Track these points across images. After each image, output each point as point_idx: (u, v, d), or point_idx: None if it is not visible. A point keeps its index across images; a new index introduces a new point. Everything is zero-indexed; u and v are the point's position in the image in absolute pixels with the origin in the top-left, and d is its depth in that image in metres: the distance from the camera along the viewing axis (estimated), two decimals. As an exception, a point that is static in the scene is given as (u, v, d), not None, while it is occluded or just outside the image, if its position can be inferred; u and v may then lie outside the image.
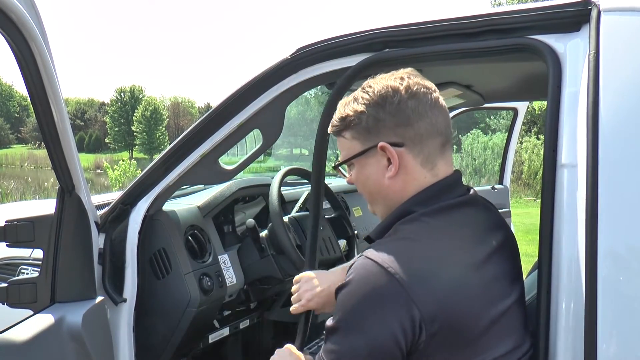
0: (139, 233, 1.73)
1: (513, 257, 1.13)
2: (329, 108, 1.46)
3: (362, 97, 1.08)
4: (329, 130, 1.16)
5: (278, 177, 2.17)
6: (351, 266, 1.01)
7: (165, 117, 58.05)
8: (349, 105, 1.11)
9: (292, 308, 1.36)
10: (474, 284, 0.98)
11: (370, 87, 1.09)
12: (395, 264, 0.94)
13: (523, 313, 1.10)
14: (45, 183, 14.62)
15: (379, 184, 1.10)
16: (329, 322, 1.01)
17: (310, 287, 1.33)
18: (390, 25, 1.39)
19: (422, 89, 1.06)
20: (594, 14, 1.12)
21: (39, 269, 1.55)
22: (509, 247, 1.13)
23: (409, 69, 1.12)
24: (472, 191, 1.13)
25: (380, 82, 1.08)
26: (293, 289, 1.39)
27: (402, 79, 1.07)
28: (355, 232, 2.48)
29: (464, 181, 1.15)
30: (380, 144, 1.06)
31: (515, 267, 1.12)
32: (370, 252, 0.98)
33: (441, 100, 1.09)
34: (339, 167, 1.18)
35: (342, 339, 0.97)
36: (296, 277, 1.41)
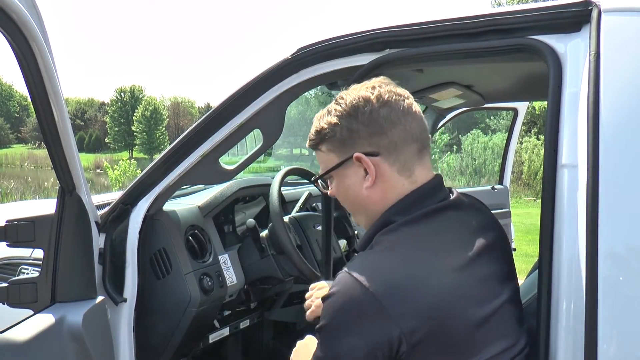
0: (140, 233, 1.73)
1: (504, 257, 1.12)
2: None
3: (335, 109, 1.08)
4: (307, 144, 1.16)
5: (278, 177, 2.17)
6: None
7: (165, 117, 58.06)
8: (323, 118, 1.11)
9: (307, 314, 1.44)
10: (457, 288, 0.97)
11: (342, 98, 1.09)
12: (372, 278, 0.93)
13: (517, 311, 1.09)
14: (45, 183, 14.63)
15: (358, 195, 1.10)
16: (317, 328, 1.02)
17: (322, 294, 1.38)
18: (391, 25, 1.39)
19: (393, 97, 1.06)
20: (594, 14, 1.12)
21: (40, 269, 1.54)
22: (500, 247, 1.12)
23: (381, 78, 1.11)
24: (454, 194, 1.12)
25: (352, 93, 1.08)
26: (307, 295, 1.49)
27: (373, 88, 1.07)
28: (356, 232, 2.48)
29: (464, 181, 1.15)
30: (356, 154, 1.06)
31: (506, 266, 1.11)
32: (351, 266, 0.98)
33: (415, 106, 1.08)
34: (318, 181, 1.17)
35: (324, 348, 0.99)
36: (311, 285, 1.51)
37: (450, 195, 1.11)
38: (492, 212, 1.24)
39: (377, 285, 0.92)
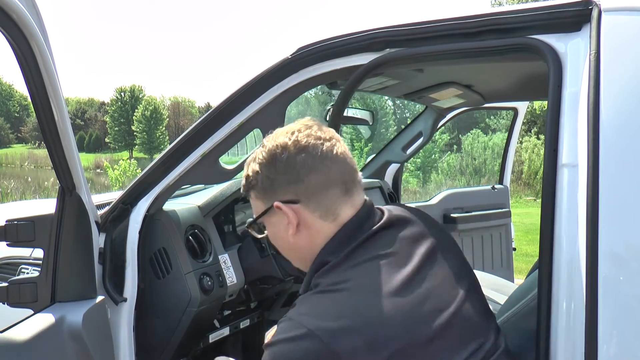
0: (140, 233, 1.73)
1: (450, 255, 1.09)
2: (339, 107, 1.47)
3: (258, 157, 1.08)
4: (241, 190, 1.16)
5: (278, 176, 2.17)
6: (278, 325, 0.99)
7: (165, 116, 58.08)
8: (249, 165, 1.11)
9: None
10: (400, 312, 0.94)
11: (264, 145, 1.08)
12: (314, 321, 0.91)
13: (479, 308, 1.05)
14: (45, 183, 14.63)
15: (286, 242, 1.10)
16: None
17: None
18: (391, 25, 1.39)
19: (312, 142, 1.04)
20: (594, 13, 1.12)
21: (40, 269, 1.55)
22: (444, 247, 1.09)
23: (307, 119, 1.10)
24: (385, 213, 1.09)
25: (272, 140, 1.07)
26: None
27: (292, 133, 1.05)
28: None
29: (464, 181, 1.15)
30: (275, 203, 1.05)
31: (456, 264, 1.09)
32: (292, 312, 0.96)
33: (337, 148, 1.06)
34: (250, 228, 1.16)
35: None
36: (267, 333, 1.42)
37: (382, 217, 1.08)
38: (492, 211, 1.24)
39: (320, 328, 0.89)
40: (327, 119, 2.18)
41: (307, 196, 1.04)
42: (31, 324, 1.42)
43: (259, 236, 1.16)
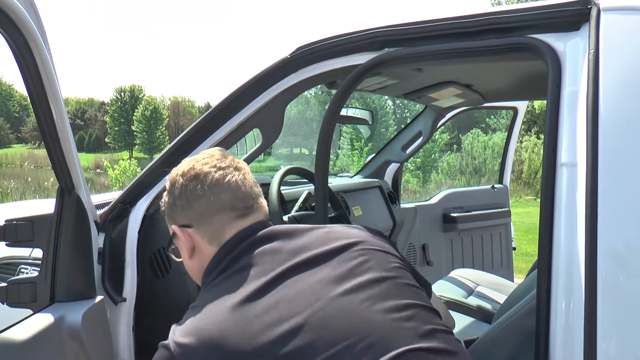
0: (139, 232, 1.73)
1: (338, 267, 1.03)
2: (334, 107, 1.46)
3: (166, 186, 1.16)
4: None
5: (278, 176, 2.17)
6: None
7: (165, 116, 58.03)
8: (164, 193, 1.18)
9: None
10: (239, 323, 0.93)
11: (170, 174, 1.16)
12: (176, 337, 0.95)
13: (350, 304, 0.97)
14: (45, 183, 14.62)
15: (188, 266, 1.16)
16: None
17: None
18: (390, 24, 1.39)
19: (205, 170, 1.10)
20: (593, 13, 1.12)
21: (39, 269, 1.54)
22: (320, 257, 1.04)
23: (214, 149, 1.19)
24: (264, 231, 1.08)
25: (175, 169, 1.15)
26: None
27: (192, 161, 1.13)
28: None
29: (465, 180, 1.15)
30: (173, 226, 1.13)
31: (332, 268, 1.02)
32: (171, 329, 1.00)
33: (230, 177, 1.11)
34: (171, 252, 1.22)
35: None
36: None
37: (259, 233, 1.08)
38: (492, 211, 1.24)
39: (178, 343, 0.94)
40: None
41: (197, 221, 1.10)
42: (30, 324, 1.42)
43: (177, 259, 1.22)
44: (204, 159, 1.13)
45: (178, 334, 0.95)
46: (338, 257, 1.04)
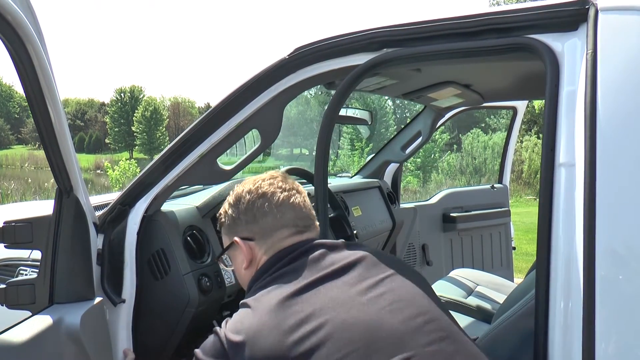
0: (138, 234, 1.72)
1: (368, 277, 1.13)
2: (333, 108, 1.46)
3: (228, 199, 1.29)
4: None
5: (277, 177, 2.17)
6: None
7: (165, 117, 58.03)
8: (223, 205, 1.30)
9: None
10: (272, 323, 1.04)
11: (233, 190, 1.28)
12: (227, 333, 1.06)
13: (361, 319, 1.05)
14: (46, 184, 14.63)
15: (241, 274, 1.28)
16: None
17: None
18: (389, 24, 1.39)
19: (271, 190, 1.23)
20: (591, 13, 1.12)
21: (37, 270, 1.54)
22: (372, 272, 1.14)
23: (275, 171, 1.31)
24: (319, 248, 1.17)
25: (241, 186, 1.27)
26: None
27: (258, 181, 1.25)
28: (355, 231, 2.48)
29: (465, 180, 1.16)
30: (235, 238, 1.25)
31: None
32: (223, 323, 1.12)
33: (294, 198, 1.24)
34: (220, 258, 1.34)
35: None
36: None
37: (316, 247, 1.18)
38: (491, 211, 1.25)
39: (229, 337, 1.05)
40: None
41: (260, 235, 1.22)
42: (29, 326, 1.42)
43: (227, 268, 1.36)
44: (269, 179, 1.26)
45: (229, 329, 1.07)
46: (361, 268, 1.15)
